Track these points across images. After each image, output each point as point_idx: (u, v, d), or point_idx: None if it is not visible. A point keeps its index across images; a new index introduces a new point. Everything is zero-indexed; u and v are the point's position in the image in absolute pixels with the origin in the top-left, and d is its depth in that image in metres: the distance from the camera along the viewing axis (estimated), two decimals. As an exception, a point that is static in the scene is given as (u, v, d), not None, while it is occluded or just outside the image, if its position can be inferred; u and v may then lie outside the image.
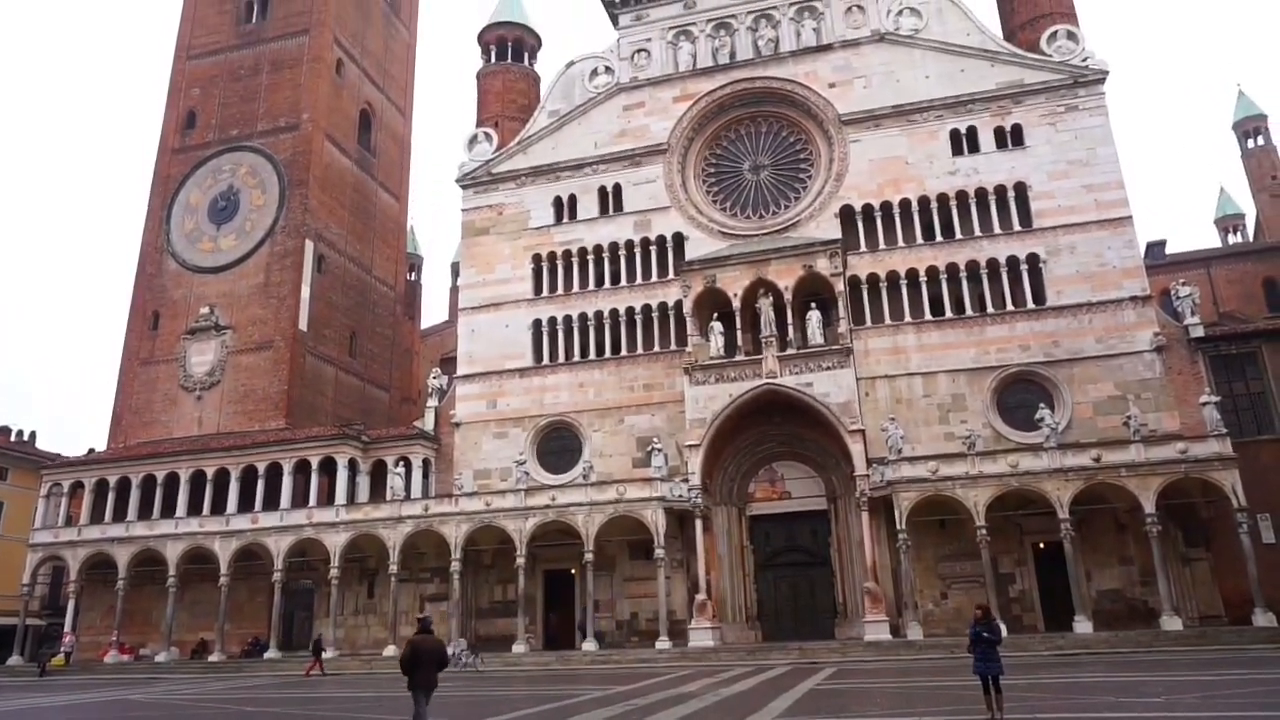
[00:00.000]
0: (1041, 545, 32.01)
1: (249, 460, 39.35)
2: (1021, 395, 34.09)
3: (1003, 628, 19.98)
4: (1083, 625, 28.47)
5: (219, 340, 45.76)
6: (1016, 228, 35.86)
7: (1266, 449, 32.13)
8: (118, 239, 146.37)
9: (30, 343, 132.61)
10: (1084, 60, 36.92)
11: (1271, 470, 31.36)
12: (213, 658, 36.65)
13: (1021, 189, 36.19)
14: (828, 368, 33.24)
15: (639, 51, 42.81)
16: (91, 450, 47.50)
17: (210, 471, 39.58)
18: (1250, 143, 59.82)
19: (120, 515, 40.21)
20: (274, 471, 38.94)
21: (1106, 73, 36.61)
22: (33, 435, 57.55)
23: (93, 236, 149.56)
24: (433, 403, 40.84)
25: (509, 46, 46.84)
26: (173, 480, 40.06)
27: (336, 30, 51.88)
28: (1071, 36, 37.51)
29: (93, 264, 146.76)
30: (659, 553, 32.89)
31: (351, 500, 38.11)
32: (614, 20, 43.95)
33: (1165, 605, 28.65)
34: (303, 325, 45.50)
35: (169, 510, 39.57)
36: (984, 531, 30.02)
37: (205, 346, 45.90)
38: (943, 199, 36.90)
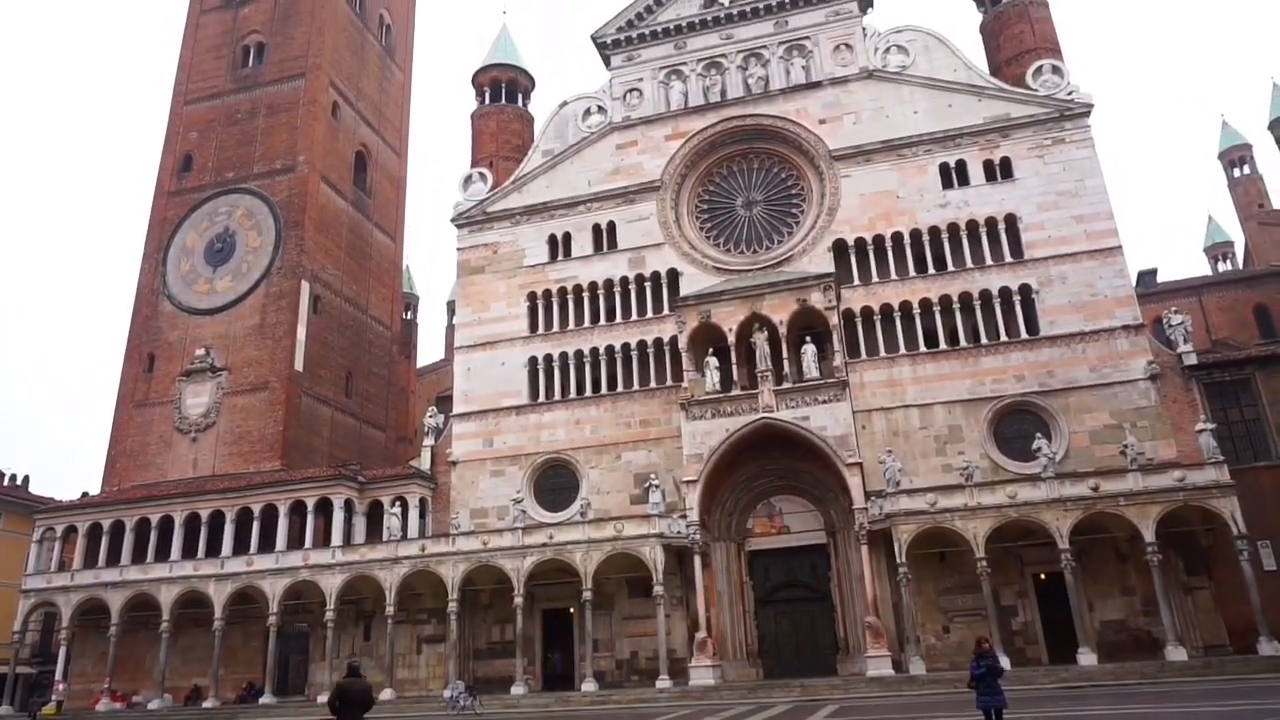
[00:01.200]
0: (1042, 576, 31.83)
1: (244, 502, 39.10)
2: (1018, 425, 34.12)
3: (1005, 660, 19.84)
4: (1087, 657, 28.21)
5: (214, 382, 45.71)
6: (1008, 259, 36.15)
7: (1264, 475, 32.11)
8: (111, 281, 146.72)
9: (24, 386, 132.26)
10: (1069, 94, 37.49)
11: (1270, 496, 31.33)
12: (207, 704, 36.10)
13: (1012, 221, 36.55)
14: (824, 401, 33.27)
15: (631, 91, 43.39)
16: (85, 494, 47.16)
17: (205, 514, 39.30)
18: (1236, 171, 60.58)
19: (114, 559, 39.82)
20: (269, 513, 38.68)
21: (1091, 106, 37.16)
22: (26, 479, 57.17)
23: (85, 279, 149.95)
24: (429, 442, 40.73)
25: (503, 88, 47.43)
26: (167, 523, 39.75)
27: (332, 74, 52.53)
28: (1056, 71, 38.12)
29: (86, 307, 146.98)
30: (658, 590, 32.63)
31: (348, 541, 37.82)
32: (606, 61, 44.61)
33: (1169, 635, 28.43)
34: (298, 366, 45.50)
35: (163, 554, 39.22)
36: (984, 563, 29.86)
37: (201, 388, 45.83)
38: (934, 232, 37.23)
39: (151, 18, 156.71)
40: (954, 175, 37.89)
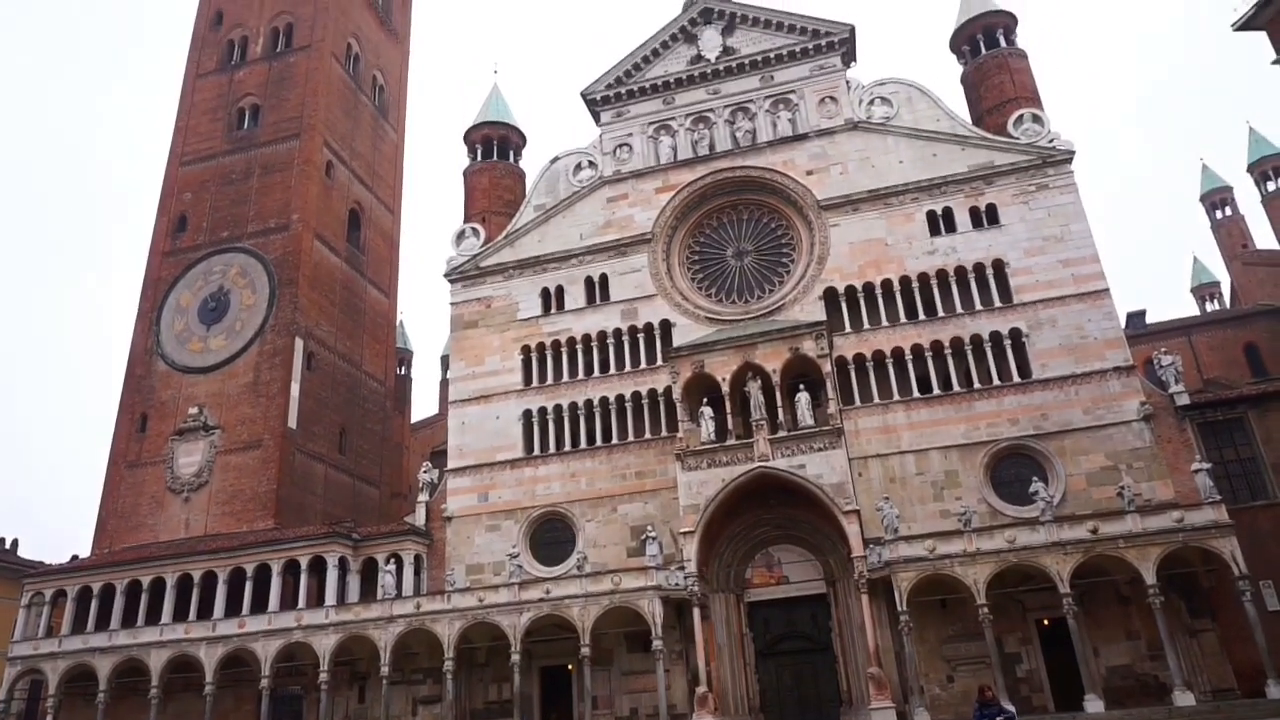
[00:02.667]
0: (1046, 622, 31.49)
1: (237, 562, 38.61)
2: (1014, 469, 34.06)
3: (1012, 709, 19.53)
4: (1094, 704, 27.81)
5: (207, 440, 45.49)
6: (997, 304, 36.46)
7: (1262, 514, 32.04)
8: (100, 342, 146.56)
9: (13, 448, 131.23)
10: (1050, 141, 38.20)
11: (1269, 536, 31.22)
12: (197, 773, 35.19)
13: (999, 266, 36.94)
14: (819, 449, 33.22)
15: (621, 146, 44.10)
16: (75, 557, 46.55)
17: (197, 575, 38.77)
18: (1218, 213, 61.48)
19: (103, 624, 39.13)
20: (262, 573, 38.19)
21: (1073, 152, 37.84)
22: (14, 543, 56.36)
23: (73, 340, 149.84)
24: (423, 497, 40.45)
25: (494, 145, 48.14)
26: (158, 586, 39.17)
27: (326, 134, 53.31)
28: (1037, 119, 38.88)
29: (74, 368, 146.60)
30: (657, 644, 32.15)
31: (341, 601, 37.28)
32: (596, 117, 45.41)
33: (1176, 680, 28.08)
34: (292, 423, 45.35)
35: (154, 617, 38.55)
36: (986, 610, 29.55)
37: (193, 447, 45.59)
38: (923, 278, 37.59)
39: (145, 83, 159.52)
40: (941, 222, 38.37)
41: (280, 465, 44.06)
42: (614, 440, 38.76)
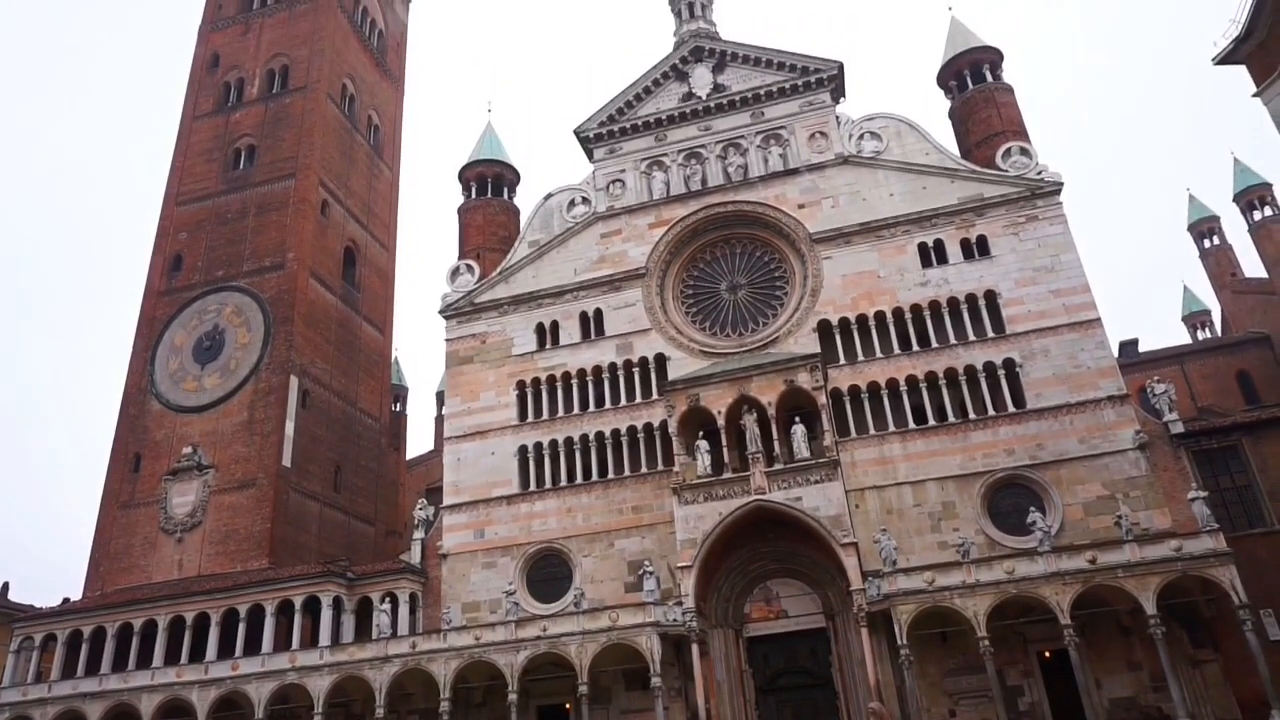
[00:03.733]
0: (1047, 654, 31.25)
1: (230, 603, 38.21)
2: (1012, 499, 34.02)
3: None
4: (1097, 738, 27.49)
5: (201, 480, 45.24)
6: (990, 334, 36.65)
7: (1260, 542, 31.97)
8: (92, 383, 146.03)
9: (3, 491, 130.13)
10: (1039, 173, 38.66)
11: (1268, 564, 31.09)
12: (188, 821, 34.50)
13: (991, 297, 37.19)
14: (815, 481, 33.16)
15: (614, 182, 44.50)
16: (66, 600, 46.02)
17: (190, 617, 38.35)
18: (1206, 242, 61.91)
19: (94, 668, 38.59)
20: (256, 614, 37.78)
21: (1061, 184, 38.28)
22: (5, 586, 55.66)
23: (65, 381, 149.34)
24: (419, 535, 40.18)
25: (489, 182, 48.51)
26: (150, 628, 38.73)
27: (322, 173, 53.73)
28: (1025, 152, 39.37)
29: (65, 409, 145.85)
30: (655, 681, 31.77)
31: (336, 641, 36.86)
32: (589, 154, 45.87)
33: (1180, 712, 27.82)
34: (286, 461, 45.15)
35: (145, 661, 38.08)
36: (986, 643, 29.32)
37: (187, 487, 45.31)
38: (916, 310, 37.80)
39: (142, 124, 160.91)
40: (932, 254, 38.69)
41: (274, 504, 43.81)
42: (610, 475, 38.65)
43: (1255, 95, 26.09)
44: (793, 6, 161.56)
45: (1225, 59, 26.53)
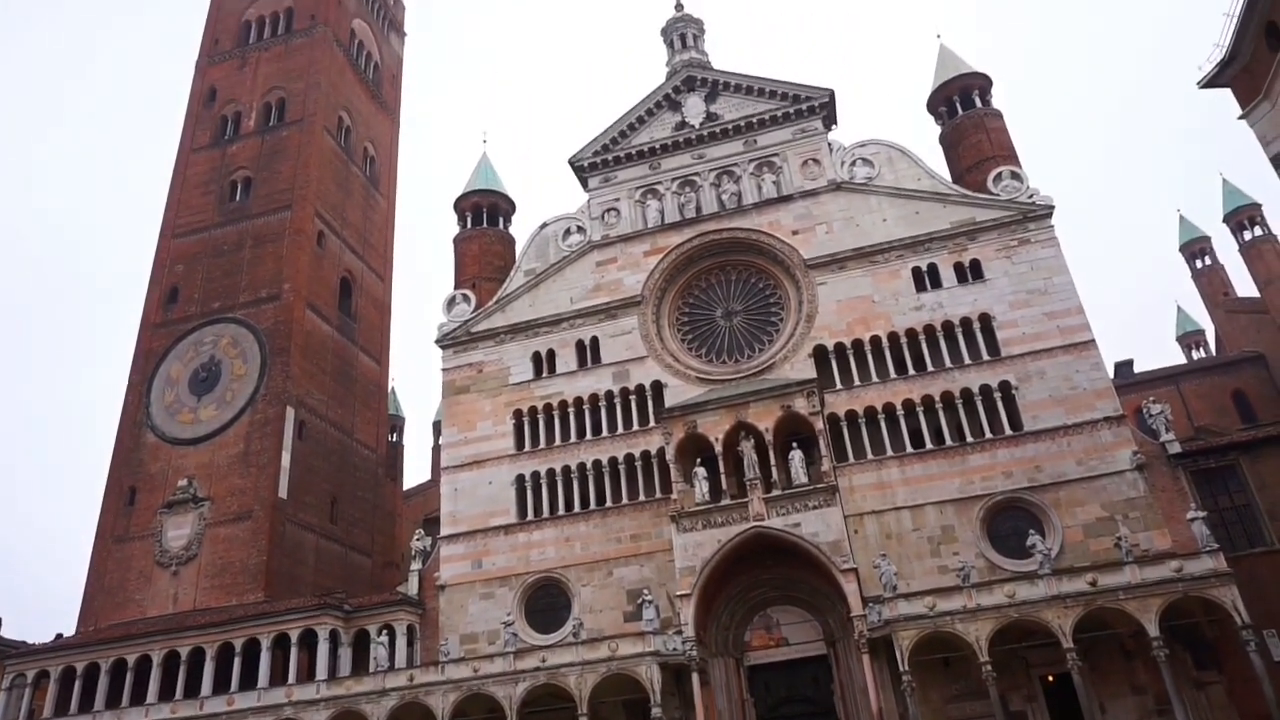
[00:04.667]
0: (1050, 678, 31.02)
1: (225, 637, 37.85)
2: (1011, 522, 33.92)
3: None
4: (1103, 763, 27.20)
5: (197, 512, 44.98)
6: (985, 357, 36.74)
7: (1261, 562, 31.90)
8: (84, 416, 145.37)
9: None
10: (1030, 197, 38.96)
11: (1270, 584, 31.01)
12: None
13: (986, 320, 37.33)
14: (814, 507, 33.05)
15: (609, 211, 44.76)
16: (59, 635, 45.56)
17: (184, 652, 37.97)
18: (1198, 263, 62.23)
19: (87, 705, 38.12)
20: (251, 648, 37.41)
21: (1052, 207, 38.56)
22: (-2, 624, 55.13)
23: (59, 415, 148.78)
24: (416, 566, 39.92)
25: (484, 212, 48.75)
26: (145, 664, 38.34)
27: (318, 204, 53.99)
28: (1016, 176, 39.71)
29: (57, 443, 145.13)
30: (656, 713, 31.42)
31: (333, 675, 36.46)
32: (584, 183, 46.18)
33: (1185, 736, 27.56)
34: (283, 493, 44.95)
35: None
36: (989, 668, 29.08)
37: (182, 520, 45.04)
38: (911, 334, 37.92)
39: (137, 157, 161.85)
40: (926, 278, 38.87)
41: (270, 536, 43.56)
42: (608, 503, 38.52)
43: (1241, 118, 26.41)
44: (783, 35, 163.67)
45: (1210, 82, 26.88)
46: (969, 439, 35.51)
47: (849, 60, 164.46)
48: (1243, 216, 56.73)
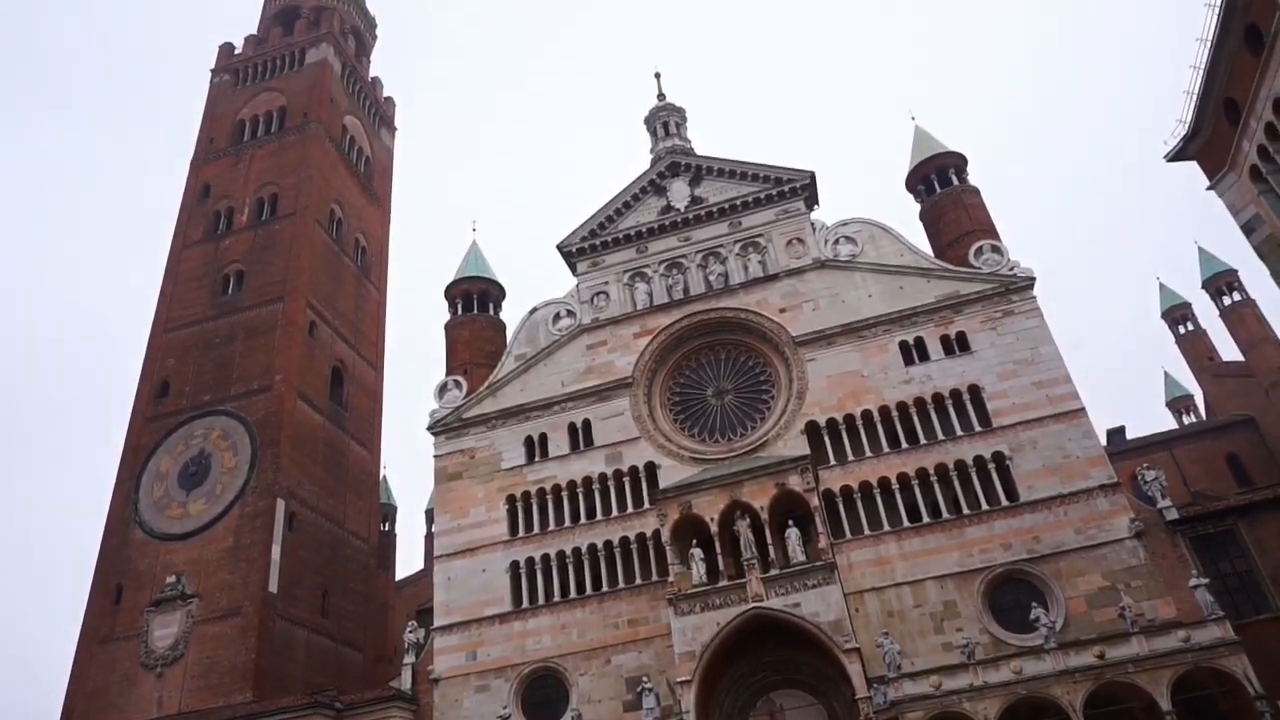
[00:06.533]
0: (1063, 758, 30.09)
1: (212, 742, 36.61)
2: (1013, 595, 33.45)
3: None
4: (1124, 847, 26.22)
5: (184, 610, 43.99)
6: (977, 428, 36.81)
7: (1268, 629, 31.39)
8: (72, 513, 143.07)
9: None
10: (1011, 269, 39.67)
11: (1279, 652, 30.44)
12: None
13: (975, 391, 37.53)
14: (813, 585, 32.57)
15: (598, 294, 45.31)
16: (39, 747, 43.97)
17: (169, 760, 36.65)
18: (1181, 329, 63.06)
19: (67, 821, 36.57)
20: (239, 753, 36.15)
21: (1033, 279, 39.23)
22: (-24, 735, 53.30)
23: (43, 514, 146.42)
24: (409, 659, 38.94)
25: (475, 298, 49.27)
26: (127, 774, 36.93)
27: (310, 296, 54.50)
28: (996, 250, 40.51)
29: (44, 543, 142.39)
30: (660, 807, 30.35)
31: (323, 778, 35.19)
32: (572, 268, 46.86)
33: (1206, 814, 26.66)
34: (273, 588, 44.09)
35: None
36: (1000, 748, 28.30)
37: (170, 618, 44.00)
38: (902, 407, 38.05)
39: (132, 254, 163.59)
40: (914, 351, 39.22)
41: (260, 633, 42.54)
42: (604, 588, 37.89)
43: (1209, 188, 27.21)
44: (764, 119, 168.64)
45: (1177, 155, 27.78)
46: (965, 511, 35.30)
47: (828, 140, 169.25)
48: (1220, 282, 57.78)
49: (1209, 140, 26.86)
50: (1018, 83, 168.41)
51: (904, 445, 37.32)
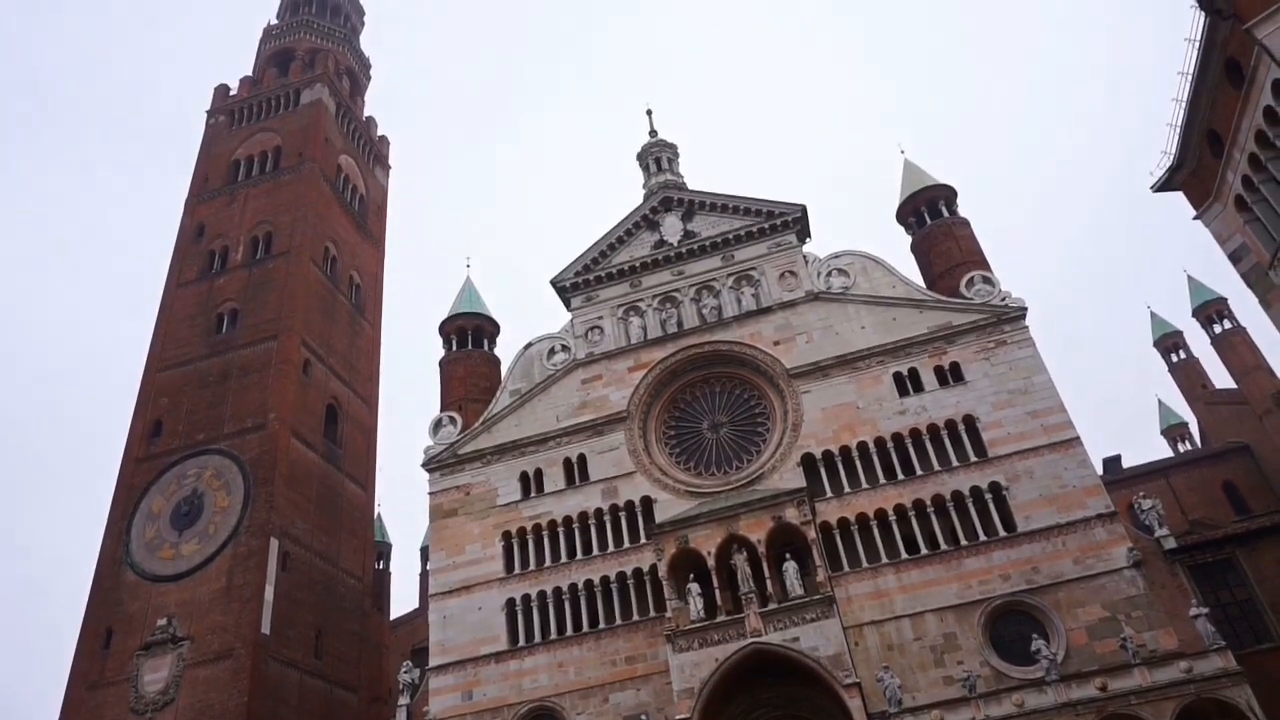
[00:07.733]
0: (1068, 791, 29.68)
1: (203, 789, 35.91)
2: (1014, 627, 33.18)
3: None
4: None
5: (175, 654, 43.34)
6: (973, 458, 36.77)
7: (1269, 659, 31.17)
8: (62, 555, 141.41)
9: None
10: (1002, 300, 39.90)
11: (1282, 681, 30.20)
12: None
13: (970, 421, 37.54)
14: (811, 619, 32.30)
15: (592, 329, 45.41)
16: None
17: (159, 807, 35.91)
18: (1173, 357, 63.19)
19: None
20: (231, 799, 35.44)
21: (1025, 309, 39.44)
22: (-39, 785, 52.19)
23: (32, 557, 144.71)
24: (404, 700, 38.38)
25: (469, 335, 49.32)
26: (116, 823, 36.16)
27: (304, 333, 54.48)
28: (987, 280, 40.76)
29: (32, 587, 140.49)
30: None
31: (317, 824, 34.50)
32: (566, 303, 47.00)
33: None
34: (265, 629, 43.52)
35: None
36: (1004, 784, 27.94)
37: (160, 662, 43.34)
38: (897, 438, 38.02)
39: (125, 293, 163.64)
40: (908, 382, 39.27)
41: (252, 676, 41.90)
42: (601, 625, 37.51)
43: (1196, 218, 27.52)
44: (755, 154, 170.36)
45: (1163, 186, 28.13)
46: (963, 542, 35.13)
47: (819, 173, 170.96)
48: (1210, 311, 58.03)
49: (1194, 171, 27.24)
50: (1008, 115, 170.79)
51: (900, 476, 37.23)
